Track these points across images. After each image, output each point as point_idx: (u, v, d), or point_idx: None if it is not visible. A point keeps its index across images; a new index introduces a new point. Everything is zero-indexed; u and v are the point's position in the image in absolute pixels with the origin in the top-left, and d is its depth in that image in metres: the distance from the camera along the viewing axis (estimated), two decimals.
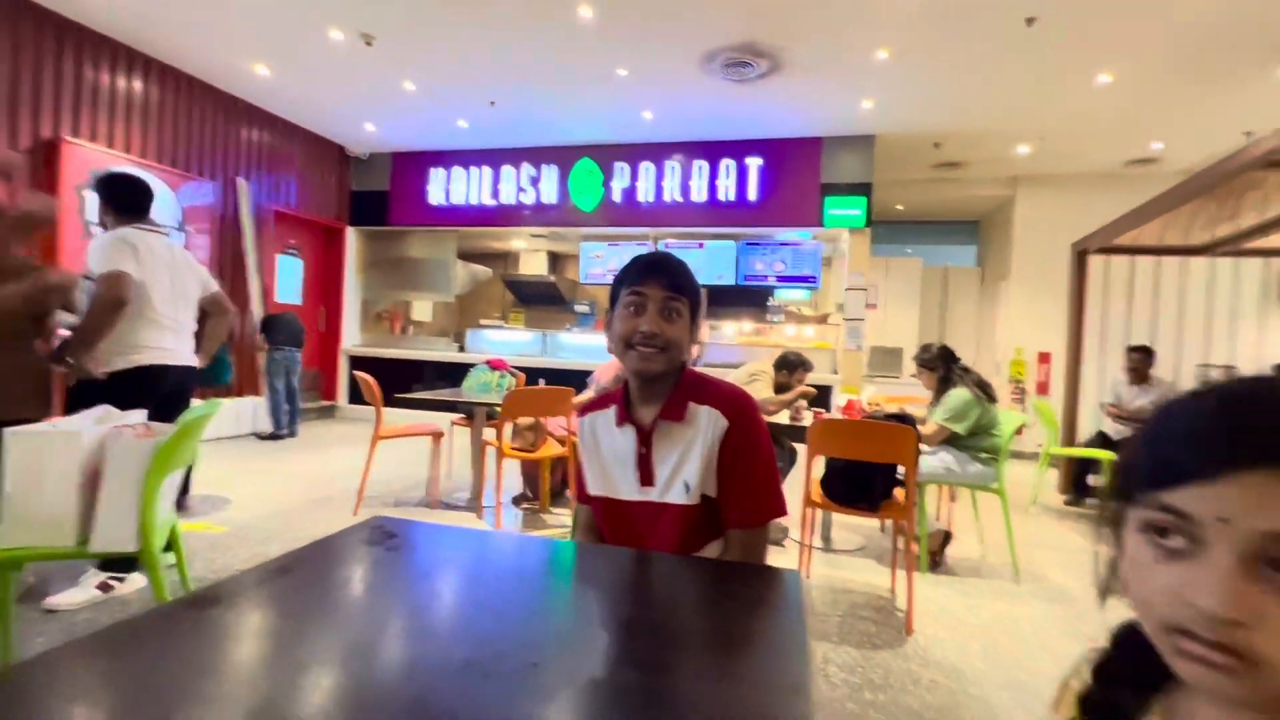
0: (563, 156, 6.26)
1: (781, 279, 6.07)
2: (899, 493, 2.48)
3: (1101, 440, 4.33)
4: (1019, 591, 2.65)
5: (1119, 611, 0.47)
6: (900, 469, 2.43)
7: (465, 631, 0.70)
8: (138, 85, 4.68)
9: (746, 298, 6.56)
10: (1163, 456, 0.40)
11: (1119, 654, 0.50)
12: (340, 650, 0.62)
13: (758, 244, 6.08)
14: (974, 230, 7.97)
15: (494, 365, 3.89)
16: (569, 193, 6.25)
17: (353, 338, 6.96)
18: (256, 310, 5.61)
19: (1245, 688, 0.36)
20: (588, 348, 6.16)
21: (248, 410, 5.49)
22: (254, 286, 5.62)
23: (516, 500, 3.72)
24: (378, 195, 6.81)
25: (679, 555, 1.01)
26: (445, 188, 6.59)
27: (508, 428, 3.23)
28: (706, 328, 6.53)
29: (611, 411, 1.13)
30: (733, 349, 5.97)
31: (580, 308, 7.22)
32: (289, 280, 6.31)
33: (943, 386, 2.99)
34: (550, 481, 3.55)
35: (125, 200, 2.32)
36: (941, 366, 3.02)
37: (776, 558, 2.81)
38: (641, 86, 4.84)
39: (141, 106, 4.71)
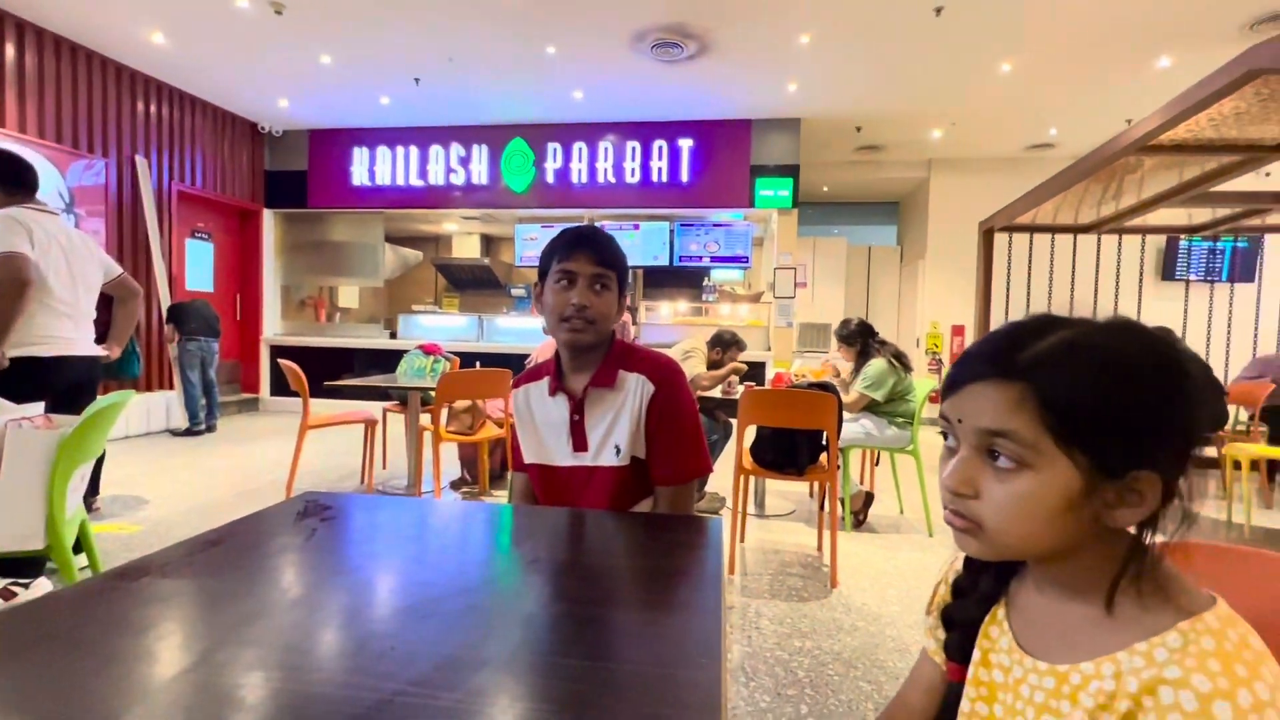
0: (493, 136, 6.13)
1: (715, 259, 6.21)
2: (824, 457, 2.64)
3: None
4: (932, 543, 2.88)
5: None
6: (825, 435, 2.58)
7: (404, 583, 0.74)
8: (11, 52, 4.23)
9: (682, 278, 6.68)
10: (947, 375, 0.53)
11: (969, 572, 0.60)
12: (278, 606, 0.64)
13: (692, 225, 6.18)
14: (894, 211, 8.37)
15: (427, 350, 3.82)
16: (501, 174, 6.14)
17: (274, 326, 6.62)
18: (164, 298, 5.25)
19: (978, 544, 0.49)
20: (525, 331, 6.12)
21: (160, 405, 5.15)
22: (160, 272, 5.24)
23: (455, 484, 3.70)
24: (295, 175, 6.46)
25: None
26: (369, 168, 6.32)
27: (443, 412, 3.20)
28: (643, 309, 6.61)
29: (544, 382, 1.17)
30: (669, 329, 6.07)
31: (516, 291, 7.14)
32: (200, 266, 5.92)
33: (861, 359, 3.18)
34: (490, 464, 3.54)
35: (12, 177, 2.13)
36: (860, 340, 3.21)
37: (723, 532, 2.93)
38: (572, 65, 4.80)
39: (18, 76, 4.27)
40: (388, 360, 5.72)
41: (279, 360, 3.66)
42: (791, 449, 2.56)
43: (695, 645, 0.58)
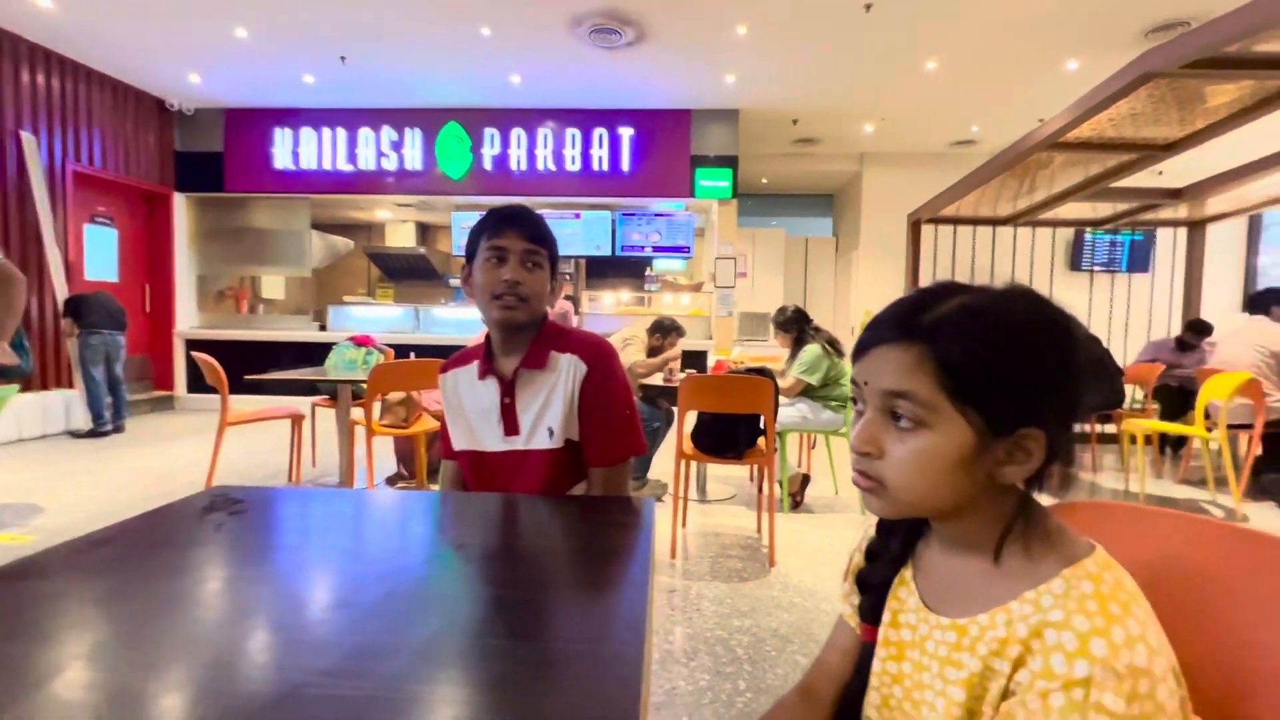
0: (427, 120, 5.91)
1: (657, 249, 6.23)
2: (762, 441, 2.70)
3: None
4: (865, 521, 3.00)
5: None
6: (762, 419, 2.63)
7: (318, 574, 0.70)
8: None
9: (624, 268, 6.67)
10: (857, 341, 0.54)
11: (881, 536, 0.62)
12: (175, 603, 0.59)
13: (633, 215, 6.17)
14: (829, 203, 8.63)
15: (359, 342, 3.67)
16: (436, 159, 5.94)
17: (189, 319, 6.20)
18: (60, 289, 4.81)
19: (881, 502, 0.52)
20: (464, 322, 5.96)
21: (58, 405, 4.73)
22: (54, 260, 4.80)
23: (391, 480, 3.57)
24: (210, 157, 6.04)
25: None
26: (293, 150, 5.98)
27: (376, 405, 3.08)
28: (585, 298, 6.56)
29: (473, 366, 1.13)
30: (612, 319, 6.06)
31: (455, 281, 6.95)
32: (102, 254, 5.46)
33: (797, 345, 3.27)
34: (428, 457, 3.43)
35: None
36: (795, 327, 3.29)
37: (657, 512, 2.95)
38: (508, 48, 4.68)
39: None
40: (317, 353, 5.44)
41: (193, 353, 3.43)
42: (730, 434, 2.60)
43: (621, 621, 0.58)
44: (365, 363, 3.52)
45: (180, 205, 6.06)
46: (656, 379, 3.37)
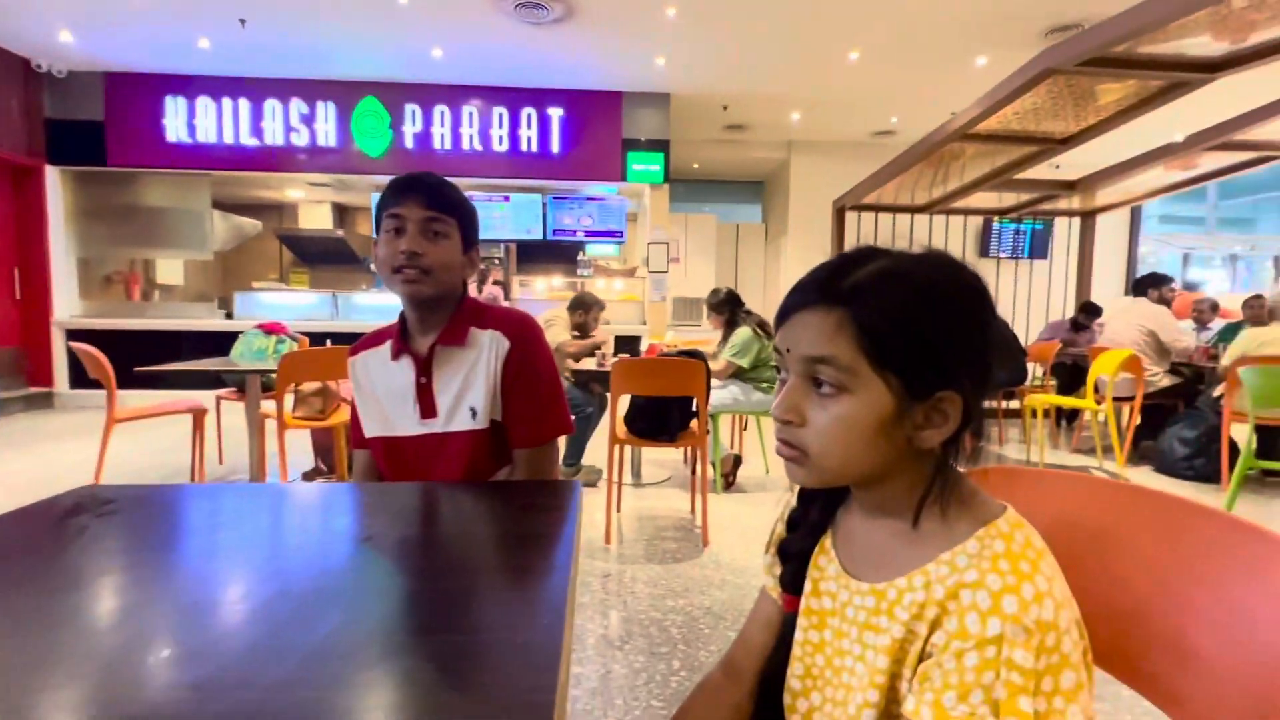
0: (341, 93, 5.55)
1: (590, 233, 6.15)
2: (694, 423, 2.71)
3: None
4: (793, 499, 3.09)
5: None
6: (695, 401, 2.65)
7: (196, 579, 0.62)
8: None
9: (556, 253, 6.55)
10: (780, 307, 0.54)
11: (801, 505, 0.63)
12: (31, 616, 0.51)
13: (565, 198, 6.06)
14: (759, 190, 8.80)
15: (269, 329, 3.41)
16: (352, 135, 5.59)
17: (70, 307, 5.59)
18: None
19: (803, 471, 0.51)
20: (388, 309, 5.68)
21: None
22: None
23: (309, 475, 3.37)
24: (88, 126, 5.42)
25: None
26: (188, 121, 5.47)
27: (289, 396, 2.88)
28: (516, 283, 6.41)
29: (385, 347, 1.06)
30: (544, 304, 5.94)
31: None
32: None
33: (729, 328, 3.31)
34: (348, 450, 3.26)
35: None
36: (727, 309, 3.33)
37: (591, 498, 2.93)
38: (428, 19, 4.45)
39: None
40: (223, 343, 5.04)
41: (71, 344, 3.08)
42: (664, 417, 2.60)
43: (541, 608, 0.54)
44: (276, 352, 3.28)
45: (54, 179, 5.43)
46: (590, 364, 3.33)
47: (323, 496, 0.93)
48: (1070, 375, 4.43)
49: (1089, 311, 4.76)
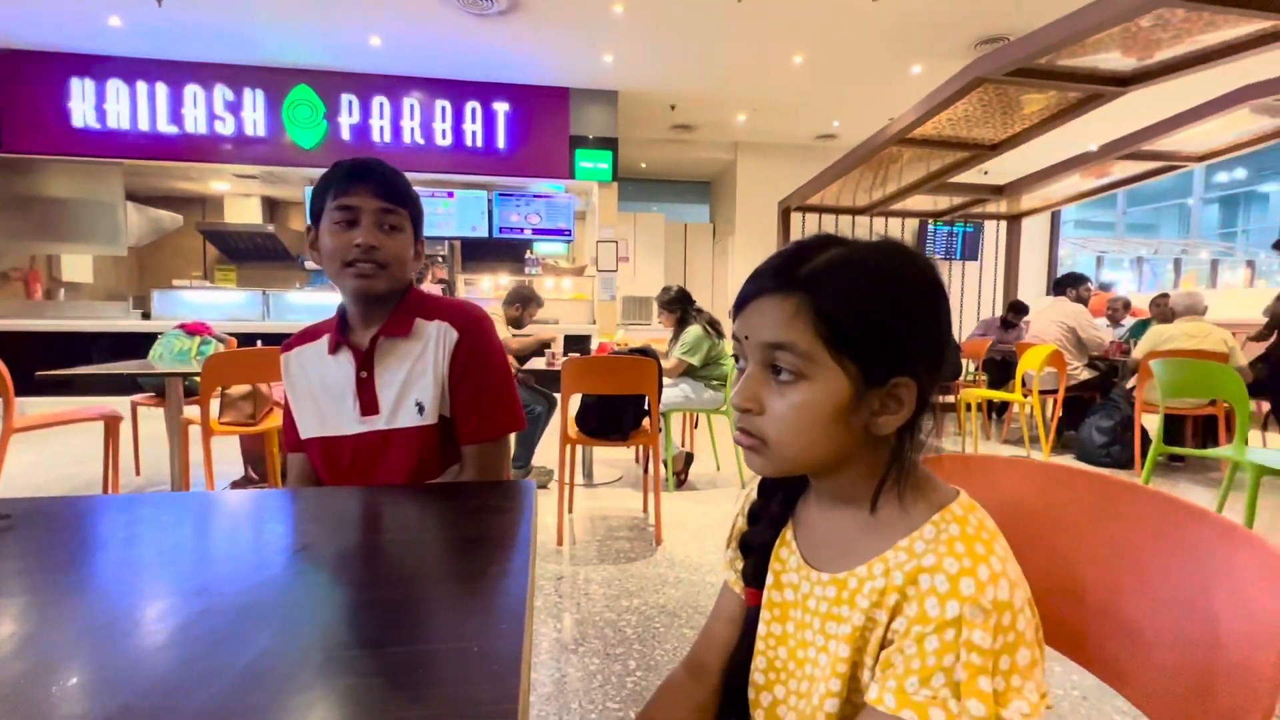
0: (271, 80, 5.27)
1: (537, 231, 6.06)
2: (646, 422, 2.71)
3: None
4: (747, 490, 3.13)
5: None
6: (647, 400, 2.64)
7: (109, 596, 0.56)
8: None
9: (502, 251, 6.43)
10: (738, 294, 0.53)
11: (762, 498, 0.62)
12: None
13: (511, 195, 5.95)
14: (706, 190, 8.90)
15: (192, 330, 3.20)
16: (283, 125, 5.31)
17: None
18: None
19: (762, 460, 0.51)
20: (323, 307, 5.43)
21: None
22: None
23: (239, 484, 3.17)
24: None
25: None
26: (97, 106, 5.06)
27: (215, 401, 2.70)
28: (461, 282, 6.25)
29: (322, 342, 1.00)
30: (490, 303, 5.82)
31: (312, 264, 6.30)
32: None
33: (680, 326, 3.32)
34: (283, 456, 3.08)
35: None
36: (679, 307, 3.34)
37: (542, 499, 2.88)
38: (365, 5, 4.27)
39: None
40: (140, 345, 4.70)
41: None
42: (615, 415, 2.58)
43: (498, 615, 0.51)
44: (200, 353, 3.08)
45: None
46: (539, 363, 3.28)
47: (252, 504, 0.86)
48: (1000, 370, 4.68)
49: (1016, 310, 5.04)
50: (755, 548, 0.59)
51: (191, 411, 2.81)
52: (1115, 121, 4.22)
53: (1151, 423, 3.20)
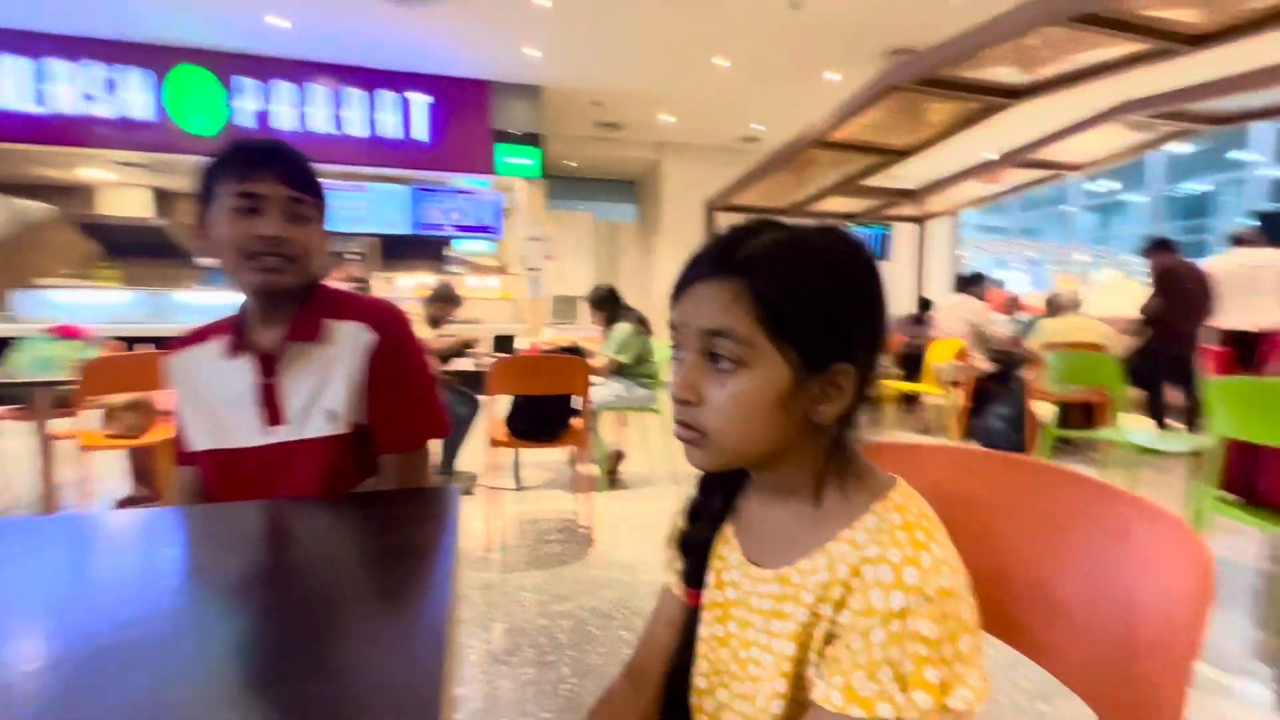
0: (154, 58, 4.80)
1: (460, 228, 5.86)
2: (576, 422, 2.66)
3: None
4: (678, 490, 3.14)
5: None
6: (577, 400, 2.60)
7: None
8: None
9: (422, 248, 6.17)
10: (676, 281, 0.50)
11: (701, 495, 0.60)
12: None
13: (432, 190, 5.72)
14: (633, 189, 8.92)
15: (62, 333, 2.86)
16: (166, 109, 4.84)
17: None
18: None
19: (702, 453, 0.49)
20: (220, 308, 4.99)
21: None
22: None
23: (125, 503, 2.85)
24: None
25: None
26: None
27: (95, 412, 2.42)
28: (380, 281, 5.95)
29: (216, 344, 0.89)
30: (410, 304, 5.57)
31: (208, 261, 5.78)
32: None
33: (609, 325, 3.29)
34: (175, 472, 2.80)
35: None
36: (609, 306, 3.31)
37: (468, 506, 2.76)
38: None
39: None
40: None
41: None
42: (545, 416, 2.52)
43: (417, 635, 0.46)
44: (75, 359, 2.75)
45: None
46: (465, 364, 3.16)
47: (136, 525, 0.76)
48: (912, 364, 4.95)
49: (925, 307, 5.36)
50: (694, 546, 0.57)
51: (63, 424, 2.50)
52: (1011, 131, 4.56)
53: (1043, 410, 3.47)
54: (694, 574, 0.56)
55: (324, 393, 0.86)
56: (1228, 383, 1.52)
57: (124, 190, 5.85)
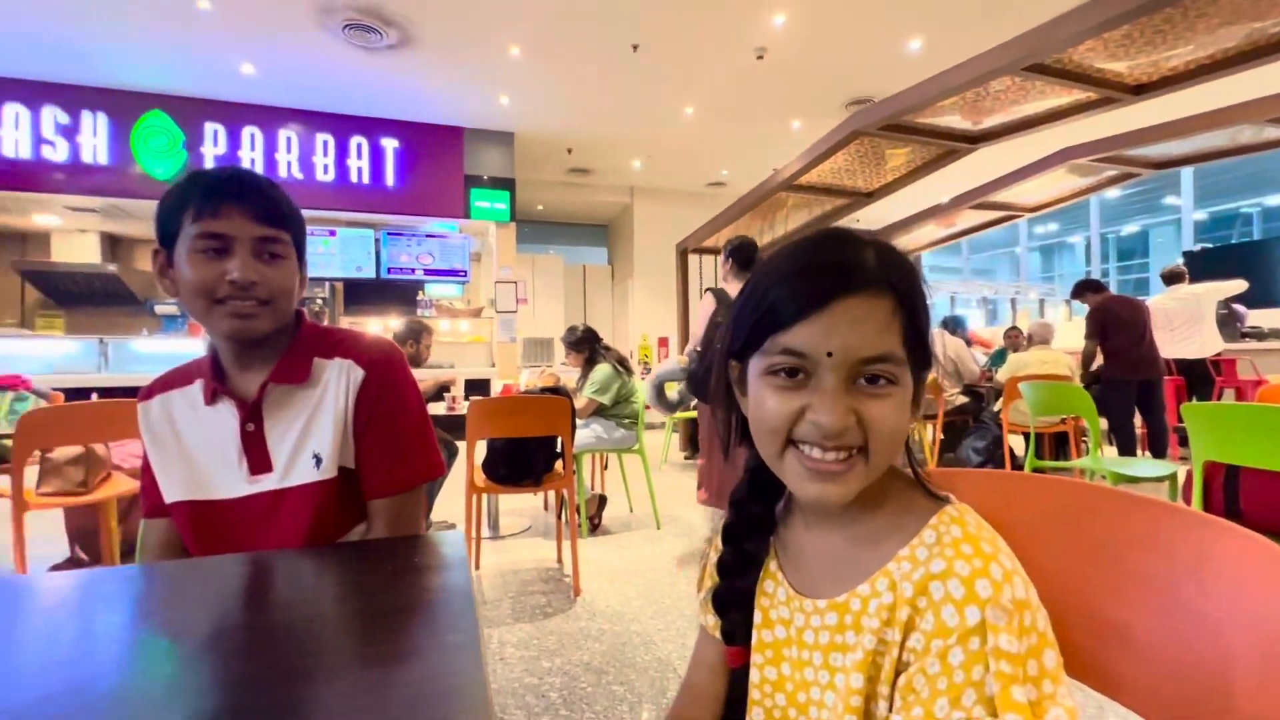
0: (118, 104, 4.71)
1: (430, 272, 5.80)
2: (559, 465, 2.57)
3: None
4: (661, 534, 3.05)
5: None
6: (559, 442, 2.52)
7: None
8: None
9: (391, 293, 6.07)
10: (772, 306, 0.44)
11: (738, 513, 0.55)
12: None
13: (401, 234, 5.67)
14: (604, 233, 9.02)
15: (2, 384, 2.67)
16: (132, 154, 4.73)
17: None
18: None
19: (854, 483, 0.44)
20: (175, 356, 4.77)
21: None
22: None
23: (61, 567, 2.61)
24: None
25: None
26: None
27: (33, 467, 2.23)
28: (346, 325, 5.80)
29: (194, 388, 0.82)
30: None
31: (163, 308, 5.57)
32: None
33: (588, 365, 3.25)
34: (121, 531, 2.59)
35: None
36: (587, 346, 3.28)
37: (464, 543, 2.62)
38: (236, 30, 3.96)
39: None
40: None
41: None
42: (526, 459, 2.43)
43: (455, 703, 0.40)
44: (14, 411, 2.56)
45: None
46: (439, 408, 3.05)
47: (90, 585, 0.66)
48: None
49: None
50: (733, 603, 0.53)
51: (1, 482, 2.29)
52: (968, 176, 4.79)
53: (1015, 441, 3.53)
54: (738, 631, 0.52)
55: (310, 437, 0.79)
56: (1210, 408, 1.56)
57: (73, 236, 5.64)
